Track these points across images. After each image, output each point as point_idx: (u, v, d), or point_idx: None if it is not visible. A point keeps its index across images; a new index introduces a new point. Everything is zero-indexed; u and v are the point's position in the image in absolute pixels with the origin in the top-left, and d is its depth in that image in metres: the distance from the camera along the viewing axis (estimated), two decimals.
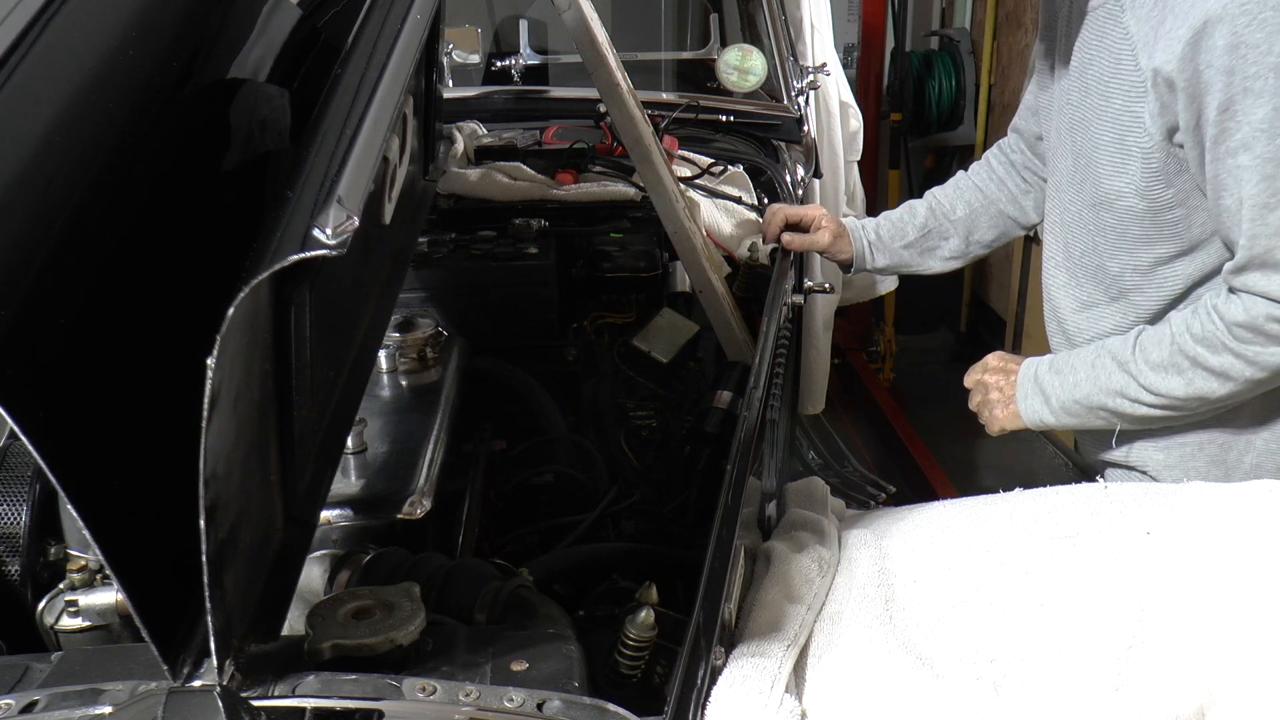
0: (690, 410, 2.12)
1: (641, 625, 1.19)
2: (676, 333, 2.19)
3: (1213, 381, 1.50)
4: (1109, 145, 1.55)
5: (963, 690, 1.11)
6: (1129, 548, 1.28)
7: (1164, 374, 1.52)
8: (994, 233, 2.03)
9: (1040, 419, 1.67)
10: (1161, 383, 1.53)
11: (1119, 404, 1.58)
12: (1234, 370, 1.48)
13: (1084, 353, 1.63)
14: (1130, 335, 1.57)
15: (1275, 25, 1.33)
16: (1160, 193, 1.53)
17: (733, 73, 2.87)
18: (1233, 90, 1.37)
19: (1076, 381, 1.61)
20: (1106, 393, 1.58)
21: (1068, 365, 1.63)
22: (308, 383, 1.13)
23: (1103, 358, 1.59)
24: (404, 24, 1.22)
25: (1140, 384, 1.54)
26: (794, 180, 2.70)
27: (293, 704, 0.98)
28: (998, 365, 1.74)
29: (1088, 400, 1.60)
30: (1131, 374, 1.55)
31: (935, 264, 2.09)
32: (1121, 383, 1.56)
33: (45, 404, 0.90)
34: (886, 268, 2.12)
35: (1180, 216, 1.54)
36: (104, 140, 1.06)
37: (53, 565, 1.36)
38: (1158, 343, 1.53)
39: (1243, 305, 1.45)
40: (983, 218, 2.02)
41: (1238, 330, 1.46)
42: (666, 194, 2.03)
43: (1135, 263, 1.61)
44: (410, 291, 2.09)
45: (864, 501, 3.83)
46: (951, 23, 5.14)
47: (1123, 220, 1.58)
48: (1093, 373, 1.59)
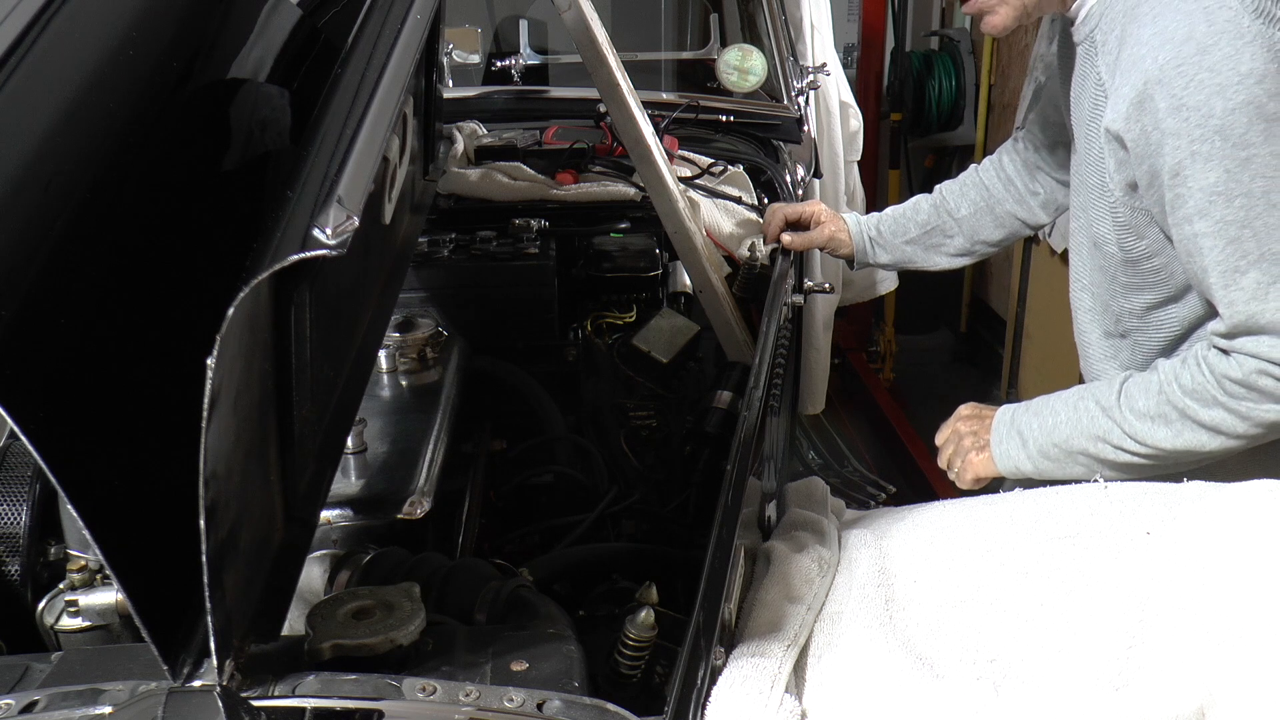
0: (690, 410, 2.12)
1: (641, 625, 1.19)
2: (676, 333, 2.18)
3: (1203, 435, 1.43)
4: (1094, 189, 1.53)
5: (963, 690, 1.11)
6: (1129, 548, 1.28)
7: (1149, 423, 1.46)
8: (1001, 233, 2.02)
9: (1015, 465, 1.58)
10: (1147, 432, 1.46)
11: (1101, 449, 1.50)
12: (1226, 425, 1.42)
13: (1065, 395, 1.55)
14: (1116, 380, 1.51)
15: (1212, 86, 1.30)
16: (1134, 244, 1.50)
17: (733, 73, 2.87)
18: (1180, 155, 1.33)
19: (1056, 424, 1.53)
20: (1088, 437, 1.50)
21: (1047, 408, 1.56)
22: (308, 383, 1.13)
23: (1085, 401, 1.51)
24: (404, 24, 1.22)
25: (1124, 431, 1.47)
26: (794, 180, 2.70)
27: (293, 704, 0.98)
28: (970, 414, 1.68)
29: (1067, 444, 1.52)
30: (1115, 420, 1.48)
31: (942, 260, 2.07)
32: (1104, 428, 1.49)
33: (45, 404, 0.90)
34: (889, 264, 2.11)
35: (1160, 265, 1.51)
36: (104, 140, 1.06)
37: (53, 565, 1.36)
38: (1144, 390, 1.47)
39: (1236, 363, 1.40)
40: (988, 217, 2.01)
41: (1230, 385, 1.40)
42: (666, 194, 2.03)
43: (1130, 306, 1.58)
44: (410, 291, 2.09)
45: (864, 501, 3.84)
46: (951, 23, 5.14)
47: (1112, 264, 1.56)
48: (1074, 415, 1.52)
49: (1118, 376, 1.52)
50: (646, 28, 3.79)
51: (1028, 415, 1.58)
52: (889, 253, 2.06)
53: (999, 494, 1.44)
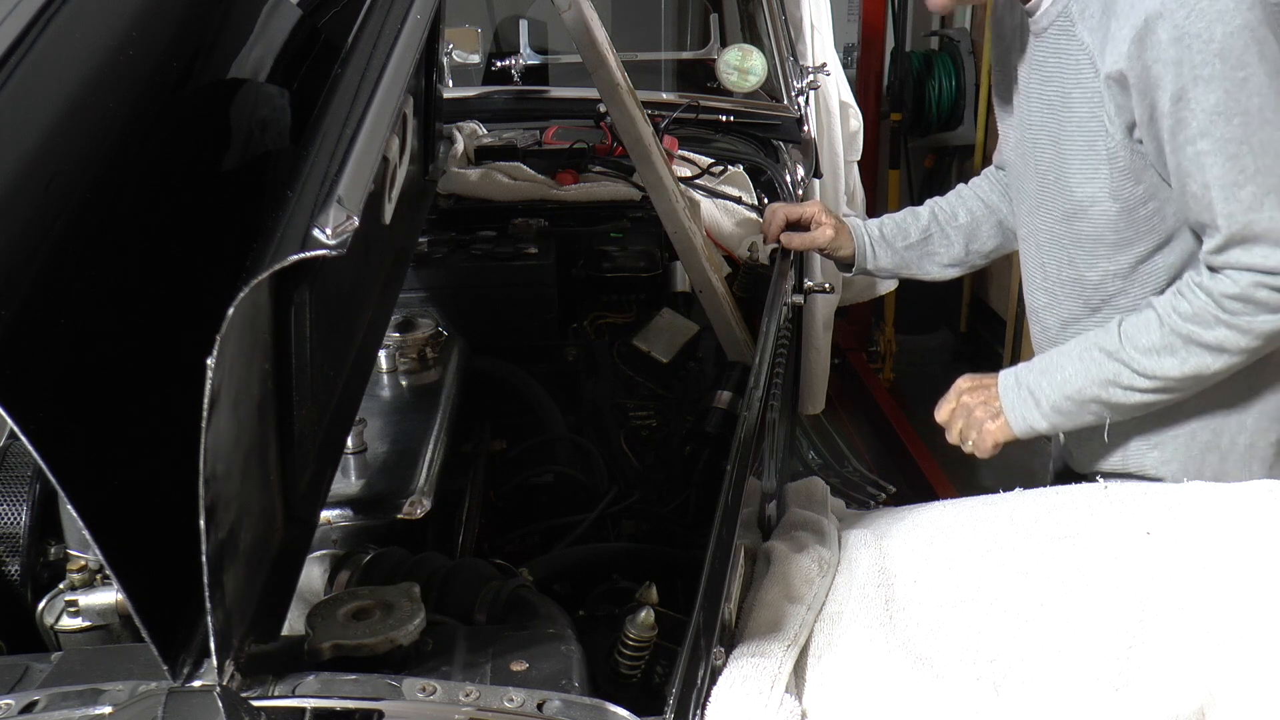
0: (690, 410, 2.12)
1: (641, 625, 1.19)
2: (676, 333, 2.18)
3: (1207, 356, 1.50)
4: (1078, 154, 1.58)
5: (963, 690, 1.11)
6: (1129, 548, 1.28)
7: (1157, 356, 1.52)
8: (994, 242, 2.03)
9: (1030, 424, 1.63)
10: (1156, 365, 1.52)
11: (1112, 394, 1.56)
12: (1229, 342, 1.49)
13: (1067, 349, 1.62)
14: (1111, 326, 1.57)
15: (1213, 13, 1.38)
16: (1132, 190, 1.56)
17: (733, 73, 2.87)
18: (1183, 80, 1.40)
19: (1065, 378, 1.59)
20: (1099, 384, 1.57)
21: (1053, 364, 1.62)
22: (308, 383, 1.13)
23: (1090, 351, 1.58)
24: (404, 24, 1.22)
25: (1134, 370, 1.54)
26: (794, 180, 2.70)
27: (293, 704, 0.98)
28: (971, 385, 1.71)
29: (1079, 395, 1.58)
30: (1123, 361, 1.54)
31: (934, 269, 2.08)
32: (1114, 371, 1.55)
33: (45, 404, 0.90)
34: (886, 269, 2.11)
35: (1154, 210, 1.57)
36: (104, 140, 1.06)
37: (53, 565, 1.36)
38: (1145, 329, 1.54)
39: (1231, 280, 1.47)
40: (984, 226, 2.02)
41: (1228, 302, 1.47)
42: (666, 194, 2.02)
43: (1115, 268, 1.62)
44: (410, 291, 2.09)
45: (864, 501, 3.84)
46: (951, 23, 5.14)
47: (1098, 227, 1.60)
48: (1081, 365, 1.58)
49: (1111, 323, 1.58)
50: (646, 28, 3.79)
51: (1034, 375, 1.63)
52: (889, 257, 2.07)
53: (999, 494, 1.44)
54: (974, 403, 1.69)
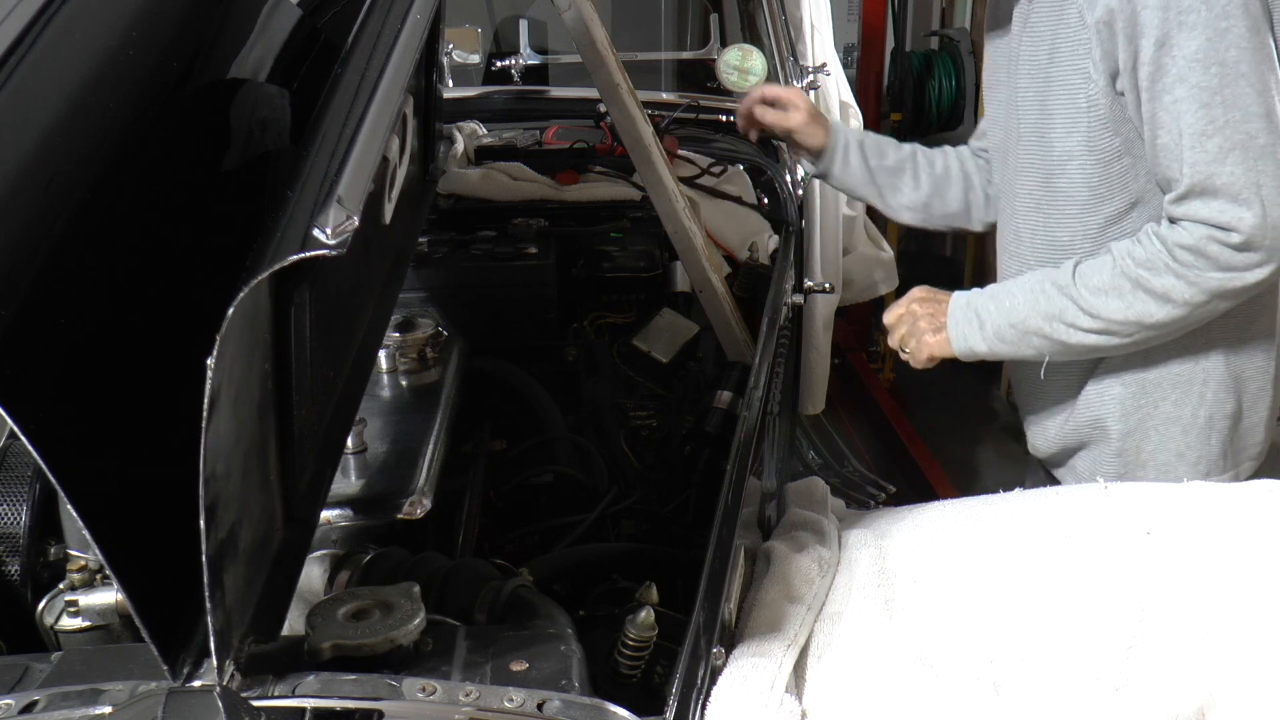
0: (690, 410, 2.12)
1: (641, 625, 1.19)
2: (676, 333, 2.18)
3: (1152, 304, 1.53)
4: (1060, 109, 1.60)
5: (963, 690, 1.11)
6: (1129, 548, 1.28)
7: (1104, 296, 1.55)
8: (956, 206, 2.03)
9: (970, 346, 1.67)
10: (1102, 305, 1.55)
11: (1055, 329, 1.59)
12: (1175, 292, 1.51)
13: (1022, 281, 1.64)
14: (1068, 264, 1.60)
15: None
16: (1109, 142, 1.58)
17: (733, 73, 2.86)
18: (1168, 25, 1.44)
19: (1013, 306, 1.62)
20: (1044, 317, 1.59)
21: (1005, 291, 1.65)
22: (308, 383, 1.13)
23: (1043, 284, 1.60)
24: (404, 24, 1.22)
25: (1080, 307, 1.56)
26: (794, 180, 2.70)
27: (293, 704, 0.98)
28: (925, 296, 1.74)
29: (1024, 324, 1.61)
30: (1071, 298, 1.57)
31: (894, 202, 2.07)
32: (1060, 306, 1.58)
33: (45, 404, 0.90)
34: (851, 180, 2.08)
35: (1127, 166, 1.59)
36: (104, 140, 1.06)
37: (53, 565, 1.36)
38: (1099, 269, 1.57)
39: (1186, 230, 1.49)
40: (955, 185, 2.01)
41: (1180, 253, 1.50)
42: (666, 194, 2.02)
43: (1084, 228, 1.65)
44: (410, 291, 2.09)
45: (864, 501, 3.83)
46: (951, 23, 5.14)
47: (1074, 184, 1.63)
48: (1031, 296, 1.60)
49: (1068, 262, 1.61)
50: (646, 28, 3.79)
51: (985, 299, 1.67)
52: (858, 168, 2.04)
53: (999, 494, 1.44)
54: (921, 312, 1.72)
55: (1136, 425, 1.70)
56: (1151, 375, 1.66)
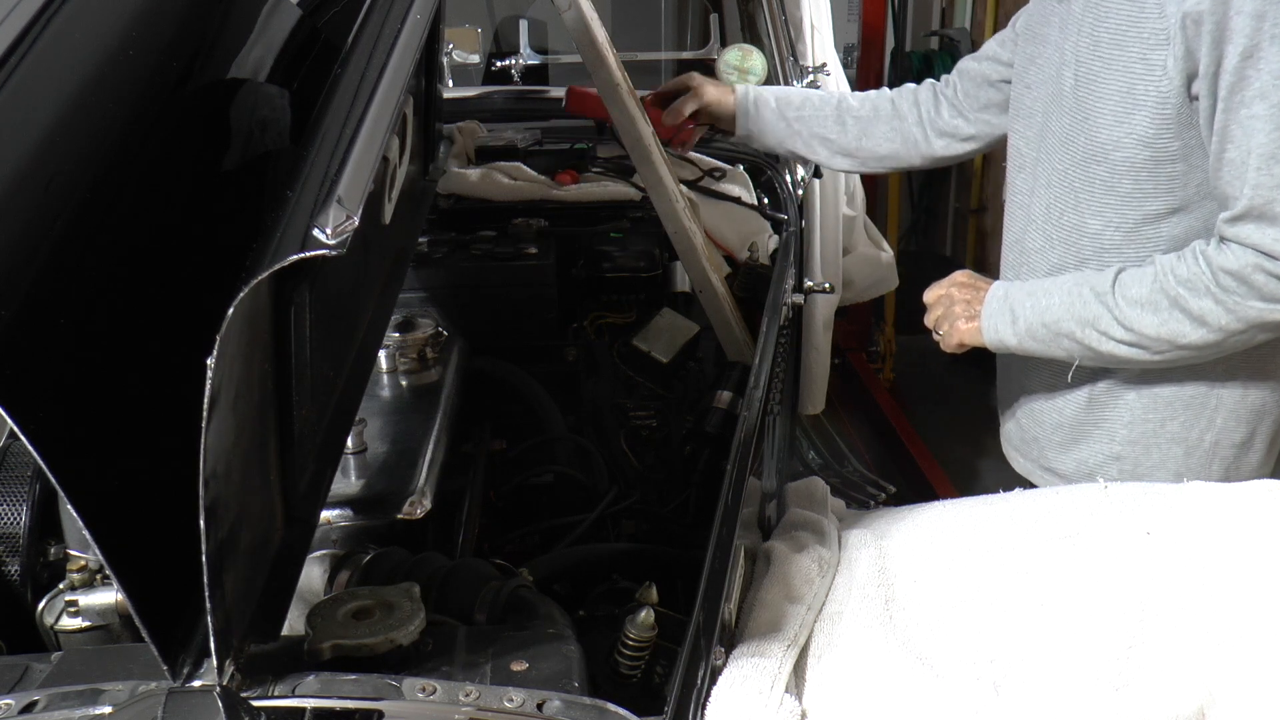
0: (690, 410, 2.12)
1: (641, 625, 1.19)
2: (676, 333, 2.18)
3: (1187, 325, 1.49)
4: (1114, 94, 1.54)
5: (963, 690, 1.11)
6: (1129, 548, 1.28)
7: (1140, 310, 1.52)
8: (888, 147, 2.01)
9: (1001, 339, 1.65)
10: (1136, 318, 1.52)
11: (1087, 334, 1.56)
12: (1211, 317, 1.48)
13: (1061, 280, 1.61)
14: (1110, 271, 1.56)
15: None
16: (1167, 143, 1.52)
17: (733, 73, 2.86)
18: (1260, 37, 1.37)
19: (1049, 305, 1.59)
20: (1078, 321, 1.56)
21: (1043, 289, 1.61)
22: (308, 383, 1.13)
23: (1081, 287, 1.57)
24: (404, 24, 1.22)
25: (1114, 317, 1.53)
26: (794, 180, 2.70)
27: (293, 704, 0.98)
28: (966, 281, 1.71)
29: (1056, 325, 1.59)
30: (1108, 305, 1.54)
31: (822, 152, 2.05)
32: (1095, 313, 1.55)
33: (45, 404, 0.90)
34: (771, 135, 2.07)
35: (1180, 172, 1.54)
36: (104, 140, 1.06)
37: (53, 565, 1.36)
38: (1139, 280, 1.53)
39: (1233, 254, 1.45)
40: (882, 126, 1.99)
41: (1224, 277, 1.46)
42: (666, 194, 2.02)
43: (1119, 219, 1.60)
44: (410, 291, 2.09)
45: (864, 501, 3.83)
46: (951, 23, 5.14)
47: (1114, 173, 1.57)
48: (1068, 299, 1.57)
49: (1111, 268, 1.57)
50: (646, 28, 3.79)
51: (1023, 294, 1.63)
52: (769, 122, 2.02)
53: (999, 494, 1.44)
54: (959, 297, 1.70)
55: (1140, 437, 1.68)
56: (1165, 393, 1.64)
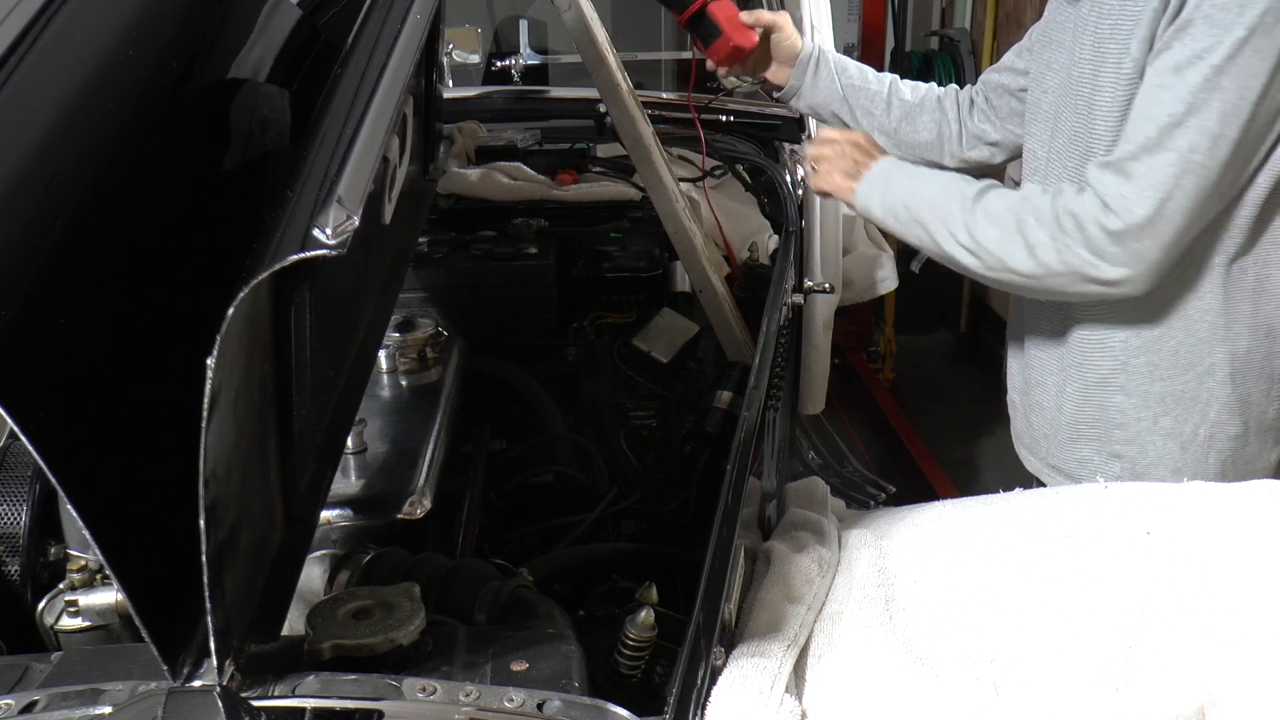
0: (690, 410, 2.12)
1: (641, 625, 1.19)
2: (676, 333, 2.18)
3: (1020, 250, 1.54)
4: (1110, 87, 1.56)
5: (963, 690, 1.11)
6: (1129, 548, 1.28)
7: (989, 223, 1.57)
8: (926, 137, 2.03)
9: (868, 207, 1.71)
10: (983, 229, 1.57)
11: (937, 230, 1.62)
12: (1041, 250, 1.52)
13: (942, 176, 1.67)
14: (985, 182, 1.62)
15: None
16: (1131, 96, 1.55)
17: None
18: (1196, 13, 1.42)
19: (918, 192, 1.65)
20: (935, 215, 1.62)
21: (921, 178, 1.67)
22: (308, 383, 1.13)
23: (951, 188, 1.62)
24: (404, 24, 1.22)
25: (965, 222, 1.59)
26: (794, 180, 2.70)
27: (293, 704, 0.98)
28: (864, 144, 1.76)
29: (916, 212, 1.65)
30: (965, 211, 1.59)
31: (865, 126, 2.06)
32: (952, 213, 1.60)
33: (45, 404, 0.90)
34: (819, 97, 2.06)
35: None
36: (104, 140, 1.06)
37: (53, 565, 1.36)
38: (1002, 198, 1.58)
39: (1082, 200, 1.49)
40: (926, 116, 2.01)
41: (1065, 218, 1.50)
42: (666, 194, 2.03)
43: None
44: (410, 291, 2.09)
45: (864, 501, 3.83)
46: (951, 23, 5.14)
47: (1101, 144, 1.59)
48: (936, 194, 1.63)
49: (986, 182, 1.63)
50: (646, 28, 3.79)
51: (902, 175, 1.69)
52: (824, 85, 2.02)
53: (999, 494, 1.44)
54: (851, 154, 1.74)
55: (1135, 435, 1.68)
56: (1156, 389, 1.65)
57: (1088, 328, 1.67)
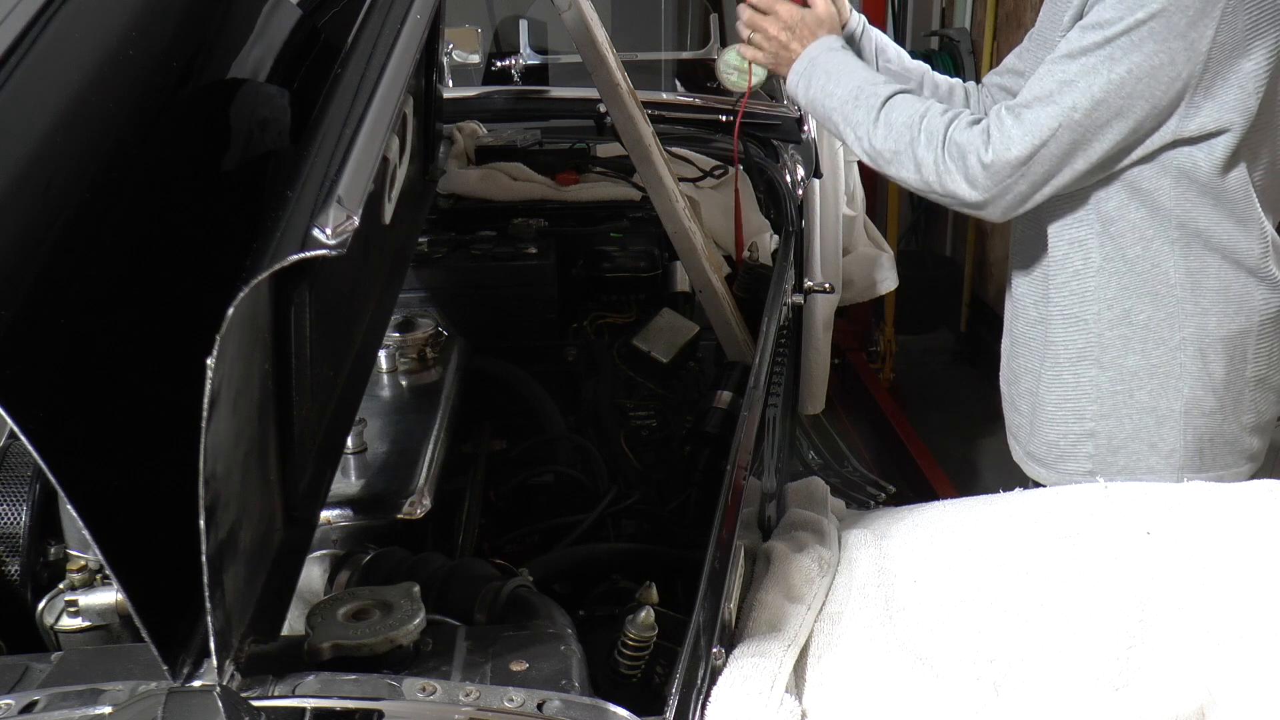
0: (690, 410, 2.12)
1: (641, 625, 1.19)
2: (676, 333, 2.18)
3: (909, 163, 1.65)
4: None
5: (963, 690, 1.11)
6: (1129, 548, 1.28)
7: (888, 133, 1.66)
8: None
9: (794, 93, 1.81)
10: (882, 137, 1.67)
11: (845, 132, 1.74)
12: (925, 169, 1.63)
13: (854, 76, 1.74)
14: (892, 87, 1.70)
15: None
16: None
17: (733, 73, 2.85)
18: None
19: (831, 93, 1.74)
20: (843, 118, 1.73)
21: (835, 79, 1.75)
22: (308, 383, 1.13)
23: (863, 94, 1.70)
24: (404, 24, 1.22)
25: (868, 128, 1.69)
26: (794, 180, 2.70)
27: (293, 704, 0.98)
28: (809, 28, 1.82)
29: (826, 114, 1.76)
30: (869, 119, 1.68)
31: None
32: (858, 120, 1.70)
33: (45, 404, 0.90)
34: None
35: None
36: (104, 140, 1.06)
37: (53, 565, 1.36)
38: (905, 109, 1.67)
39: (971, 132, 1.59)
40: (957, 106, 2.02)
41: (953, 146, 1.60)
42: (666, 194, 2.02)
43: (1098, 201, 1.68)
44: (410, 291, 2.09)
45: (864, 501, 3.83)
46: (951, 23, 5.14)
47: None
48: (845, 100, 1.72)
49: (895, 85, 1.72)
50: (646, 28, 3.79)
51: (821, 75, 1.77)
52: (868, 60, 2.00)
53: (999, 494, 1.44)
54: (791, 35, 1.82)
55: (1110, 410, 1.71)
56: (1130, 363, 1.68)
57: (1062, 305, 1.72)
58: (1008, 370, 1.90)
